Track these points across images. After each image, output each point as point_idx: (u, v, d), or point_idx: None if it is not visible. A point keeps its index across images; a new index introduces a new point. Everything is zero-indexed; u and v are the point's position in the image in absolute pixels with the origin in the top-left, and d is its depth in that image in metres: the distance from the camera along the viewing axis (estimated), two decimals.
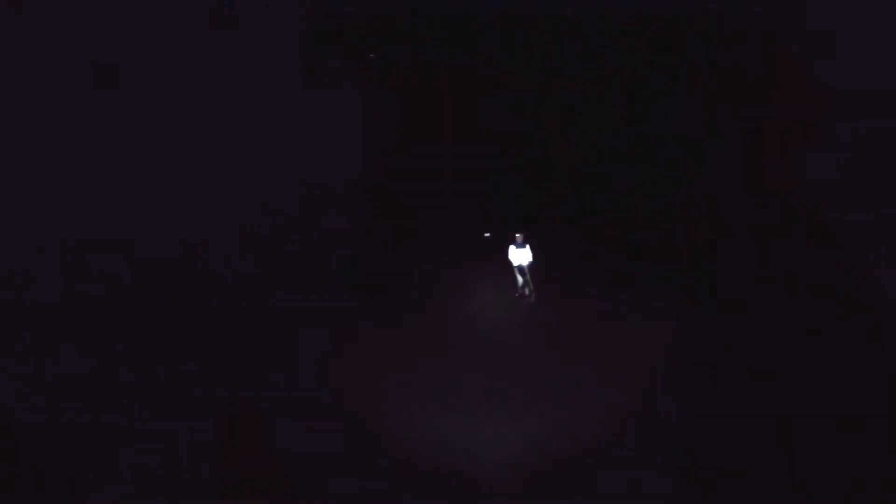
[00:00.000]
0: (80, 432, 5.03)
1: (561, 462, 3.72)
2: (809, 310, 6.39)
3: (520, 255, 11.48)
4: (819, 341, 5.40)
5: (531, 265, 11.47)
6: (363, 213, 12.62)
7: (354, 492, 3.69)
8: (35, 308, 10.13)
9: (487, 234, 12.02)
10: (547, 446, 3.93)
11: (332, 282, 10.98)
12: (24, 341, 9.69)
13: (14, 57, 14.88)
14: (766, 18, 13.75)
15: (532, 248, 11.02)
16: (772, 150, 12.84)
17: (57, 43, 14.95)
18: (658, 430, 4.01)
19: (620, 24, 15.14)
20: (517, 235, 11.51)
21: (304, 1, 16.90)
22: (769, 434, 3.70)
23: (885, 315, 5.82)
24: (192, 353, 8.04)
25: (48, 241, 11.50)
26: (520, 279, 11.80)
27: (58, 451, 4.69)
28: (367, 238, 12.08)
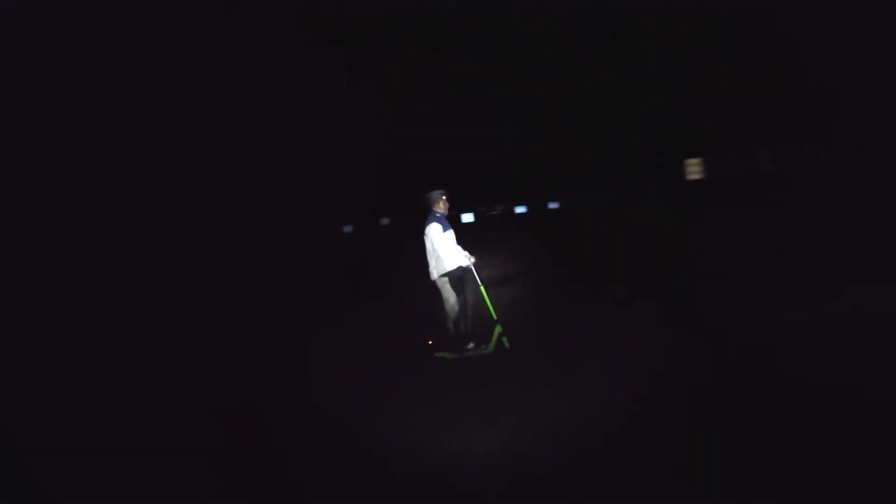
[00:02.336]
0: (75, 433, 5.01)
1: (558, 461, 3.69)
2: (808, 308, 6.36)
3: (447, 247, 5.22)
4: (817, 339, 5.37)
5: (476, 265, 5.40)
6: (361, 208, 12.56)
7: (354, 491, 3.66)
8: (34, 306, 10.12)
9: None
10: (544, 446, 3.89)
11: (330, 281, 10.94)
12: (21, 340, 9.68)
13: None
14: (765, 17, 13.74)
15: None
16: (771, 149, 12.82)
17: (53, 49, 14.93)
18: (658, 430, 3.98)
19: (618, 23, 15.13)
20: (442, 198, 5.54)
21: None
22: (772, 433, 3.67)
23: (886, 315, 5.79)
24: (187, 353, 8.02)
25: (49, 240, 11.48)
26: (452, 302, 5.36)
27: (54, 451, 4.66)
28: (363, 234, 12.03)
